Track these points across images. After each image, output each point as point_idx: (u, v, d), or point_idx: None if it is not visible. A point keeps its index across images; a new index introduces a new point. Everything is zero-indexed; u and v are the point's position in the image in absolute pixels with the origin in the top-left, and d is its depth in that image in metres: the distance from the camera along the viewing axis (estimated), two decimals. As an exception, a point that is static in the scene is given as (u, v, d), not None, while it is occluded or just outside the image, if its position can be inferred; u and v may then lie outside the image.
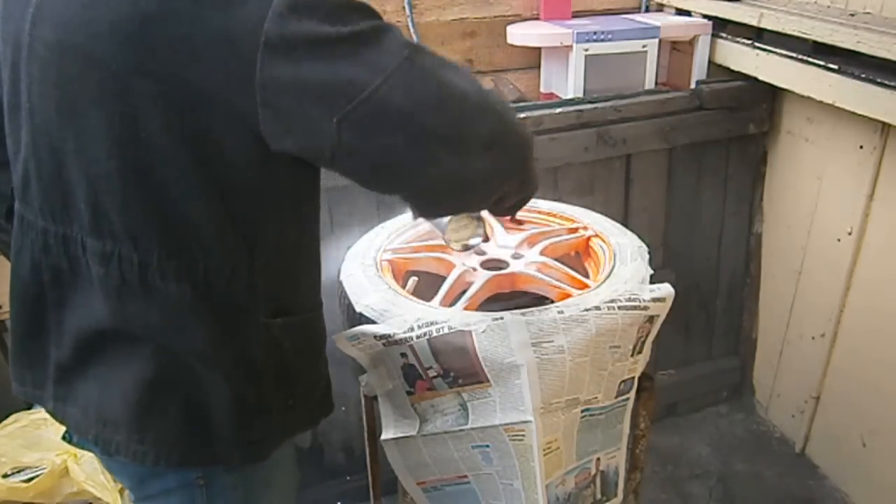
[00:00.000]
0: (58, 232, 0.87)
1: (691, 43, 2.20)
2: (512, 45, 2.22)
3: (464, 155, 0.80)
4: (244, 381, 0.90)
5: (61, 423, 0.98)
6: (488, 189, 0.90)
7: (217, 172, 0.80)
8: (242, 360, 0.89)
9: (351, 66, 0.74)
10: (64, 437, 1.03)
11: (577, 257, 1.38)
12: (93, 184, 0.81)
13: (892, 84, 1.60)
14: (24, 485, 1.54)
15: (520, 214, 1.44)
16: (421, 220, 1.29)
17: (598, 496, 1.25)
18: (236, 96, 0.74)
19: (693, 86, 2.15)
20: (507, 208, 1.03)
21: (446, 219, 1.18)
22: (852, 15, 1.85)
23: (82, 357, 0.90)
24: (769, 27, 1.96)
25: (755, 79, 2.04)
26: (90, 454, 1.53)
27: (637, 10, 2.39)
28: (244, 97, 0.74)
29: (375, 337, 1.07)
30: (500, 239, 1.36)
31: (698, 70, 2.19)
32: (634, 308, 1.10)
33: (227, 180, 0.80)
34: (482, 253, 1.31)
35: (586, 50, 2.06)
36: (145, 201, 0.81)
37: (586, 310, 1.07)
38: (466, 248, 1.25)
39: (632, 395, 1.20)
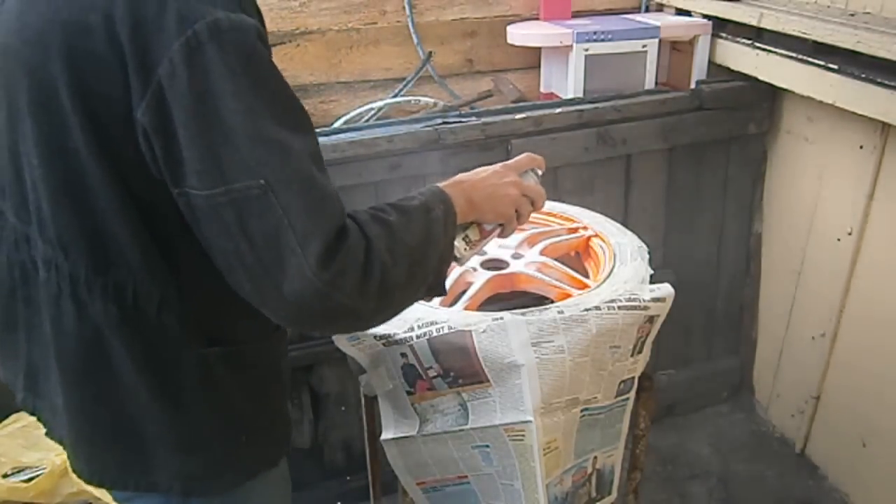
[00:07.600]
0: (23, 231, 0.87)
1: (691, 43, 2.19)
2: (512, 45, 2.22)
3: (262, 296, 0.76)
4: (172, 412, 0.87)
5: (31, 414, 0.99)
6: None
7: (133, 190, 0.78)
8: (168, 390, 0.86)
9: (207, 152, 0.71)
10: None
11: (577, 257, 1.38)
12: (35, 188, 0.81)
13: (892, 84, 1.60)
14: (24, 485, 1.54)
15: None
16: None
17: (594, 494, 1.25)
18: (137, 116, 0.73)
19: (693, 86, 2.15)
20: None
21: None
22: (852, 15, 1.85)
23: (44, 357, 0.90)
24: (769, 27, 1.96)
25: (755, 79, 2.04)
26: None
27: (637, 10, 2.39)
28: (141, 117, 0.72)
29: (375, 337, 1.07)
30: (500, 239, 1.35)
31: (698, 70, 2.19)
32: (634, 308, 1.10)
33: (143, 199, 0.79)
34: (482, 253, 1.31)
35: (586, 50, 2.06)
36: (73, 212, 0.80)
37: (586, 310, 1.07)
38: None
39: (631, 395, 1.20)
